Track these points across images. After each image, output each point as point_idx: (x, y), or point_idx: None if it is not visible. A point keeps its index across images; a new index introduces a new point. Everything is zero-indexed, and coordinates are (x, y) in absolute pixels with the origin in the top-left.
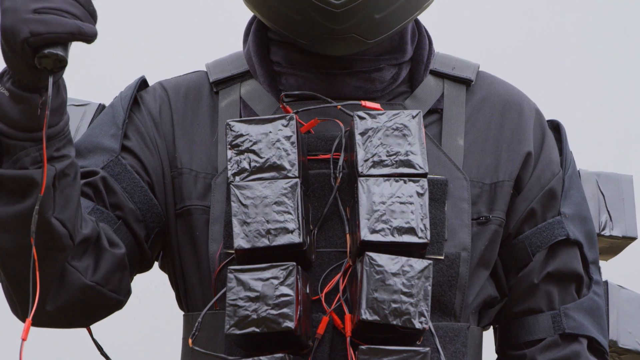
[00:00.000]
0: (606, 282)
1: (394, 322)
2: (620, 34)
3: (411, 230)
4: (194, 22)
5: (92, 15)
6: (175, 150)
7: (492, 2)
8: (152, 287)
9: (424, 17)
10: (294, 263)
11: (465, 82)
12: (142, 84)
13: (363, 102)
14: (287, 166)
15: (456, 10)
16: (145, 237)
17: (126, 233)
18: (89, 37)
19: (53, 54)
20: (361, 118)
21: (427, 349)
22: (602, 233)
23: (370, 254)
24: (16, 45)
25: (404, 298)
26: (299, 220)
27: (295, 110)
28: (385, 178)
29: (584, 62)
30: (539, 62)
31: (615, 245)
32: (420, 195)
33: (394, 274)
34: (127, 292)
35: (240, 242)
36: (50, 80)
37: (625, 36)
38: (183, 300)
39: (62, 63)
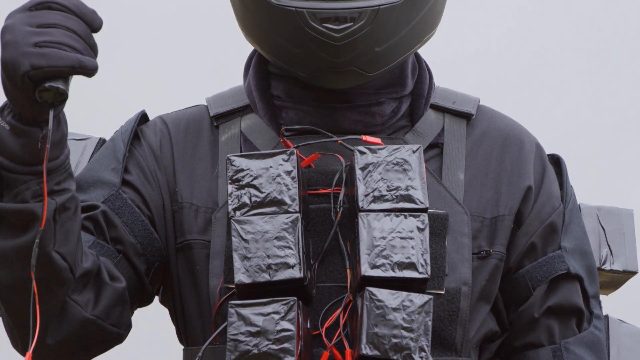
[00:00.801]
0: (607, 317)
1: (395, 357)
2: (621, 68)
3: (412, 266)
4: (195, 56)
5: (92, 49)
6: (176, 185)
7: (492, 36)
8: (152, 320)
9: (425, 51)
10: (295, 298)
11: (466, 116)
12: (143, 118)
13: (363, 137)
14: (288, 201)
15: (457, 44)
16: (146, 271)
17: (127, 267)
18: (89, 71)
19: (54, 88)
20: (362, 153)
21: None
22: (603, 267)
23: (371, 289)
24: (17, 79)
25: (405, 333)
26: (299, 255)
27: (295, 145)
28: (386, 213)
29: (585, 95)
30: (539, 96)
31: (616, 280)
32: (420, 230)
33: (395, 309)
34: (128, 326)
35: (241, 277)
36: (51, 113)
37: (627, 70)
38: (183, 334)
39: (62, 97)
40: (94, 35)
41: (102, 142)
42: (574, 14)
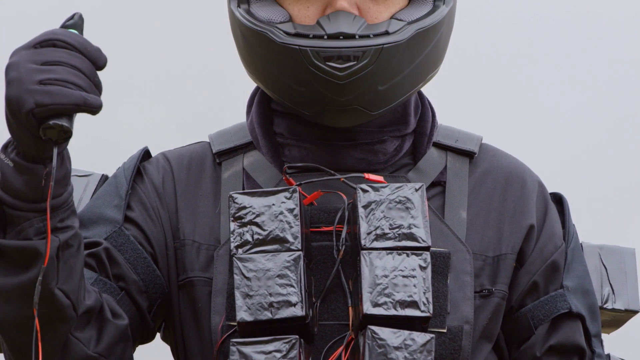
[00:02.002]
0: (608, 356)
1: None
2: (622, 104)
3: (414, 304)
4: (198, 93)
5: (97, 87)
6: (178, 222)
7: (493, 74)
8: (154, 357)
9: (427, 89)
10: (297, 336)
11: (468, 155)
12: (145, 154)
13: (366, 175)
14: (290, 239)
15: (459, 82)
16: (148, 308)
17: (129, 304)
18: (94, 109)
19: (58, 125)
20: (364, 191)
21: None
22: (605, 306)
23: (373, 327)
24: (21, 116)
25: None
26: (301, 293)
27: (298, 183)
28: (388, 251)
29: (586, 135)
30: (541, 134)
31: (618, 319)
32: (423, 268)
33: (396, 348)
34: None
35: (242, 314)
36: (55, 151)
37: (628, 106)
38: None
39: (66, 134)
40: (99, 73)
41: (104, 178)
42: (574, 50)
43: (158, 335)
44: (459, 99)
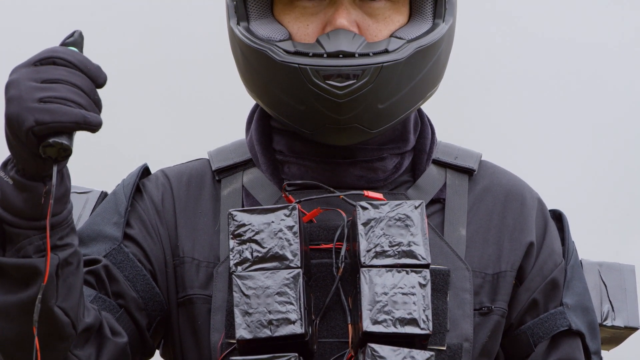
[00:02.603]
0: None
1: None
2: (623, 122)
3: (413, 322)
4: (197, 110)
5: (97, 105)
6: (178, 239)
7: (493, 91)
8: None
9: (427, 106)
10: (296, 354)
11: (468, 172)
12: (145, 171)
13: (366, 192)
14: (290, 256)
15: (459, 99)
16: (147, 325)
17: (128, 321)
18: (94, 127)
19: (58, 143)
20: (364, 208)
21: None
22: (604, 323)
23: (372, 345)
24: (21, 134)
25: None
26: (301, 311)
27: (297, 200)
28: (388, 269)
29: (586, 151)
30: (540, 152)
31: (617, 336)
32: (422, 286)
33: None
34: None
35: (242, 332)
36: (55, 169)
37: (626, 125)
38: None
39: (66, 152)
40: (99, 90)
41: (103, 195)
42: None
43: (157, 352)
44: (458, 116)
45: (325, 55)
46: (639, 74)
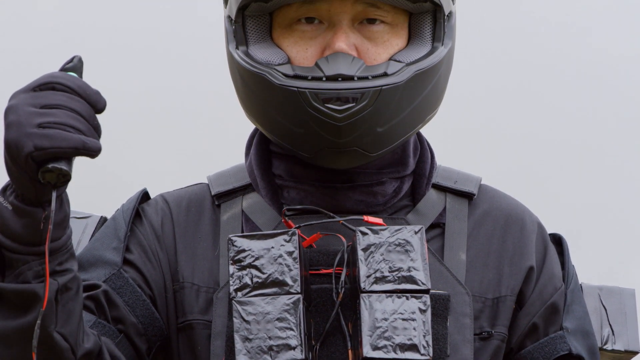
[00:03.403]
0: None
1: None
2: (620, 147)
3: (413, 347)
4: (196, 134)
5: (96, 130)
6: (177, 264)
7: (492, 115)
8: None
9: (426, 130)
10: None
11: (468, 196)
12: (144, 196)
13: (365, 217)
14: (289, 282)
15: (458, 122)
16: (147, 350)
17: (128, 347)
18: (93, 152)
19: (57, 169)
20: (364, 234)
21: None
22: (605, 347)
23: None
24: (20, 160)
25: None
26: (301, 337)
27: (297, 225)
28: (388, 294)
29: (585, 175)
30: (540, 175)
31: (618, 359)
32: (422, 311)
33: None
34: None
35: (242, 358)
36: (54, 194)
37: (625, 148)
38: None
39: (65, 178)
40: (98, 116)
41: (103, 220)
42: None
43: None
44: (458, 140)
45: (324, 79)
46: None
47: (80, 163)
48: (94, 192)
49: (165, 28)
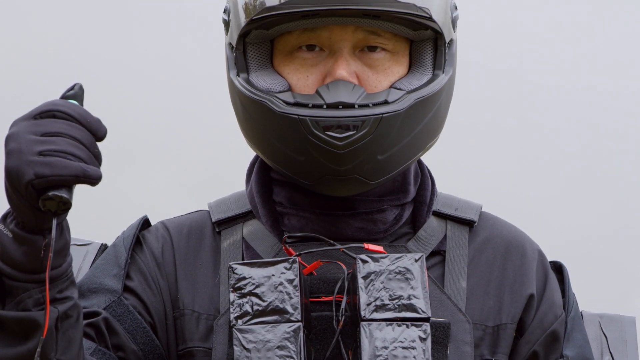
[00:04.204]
0: None
1: None
2: (622, 173)
3: None
4: (197, 162)
5: (97, 158)
6: (178, 291)
7: (493, 143)
8: None
9: (427, 157)
10: None
11: (468, 223)
12: (145, 223)
13: (366, 245)
14: (290, 310)
15: (459, 151)
16: None
17: None
18: (93, 180)
19: (57, 197)
20: (364, 262)
21: None
22: None
23: None
24: (20, 187)
25: None
26: None
27: (297, 253)
28: (388, 322)
29: (586, 203)
30: (541, 203)
31: None
32: (422, 339)
33: None
34: None
35: None
36: (54, 222)
37: (626, 176)
38: None
39: (66, 205)
40: (98, 143)
41: (103, 247)
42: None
43: None
44: (458, 167)
45: (325, 106)
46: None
47: (80, 190)
48: (94, 220)
49: (166, 56)
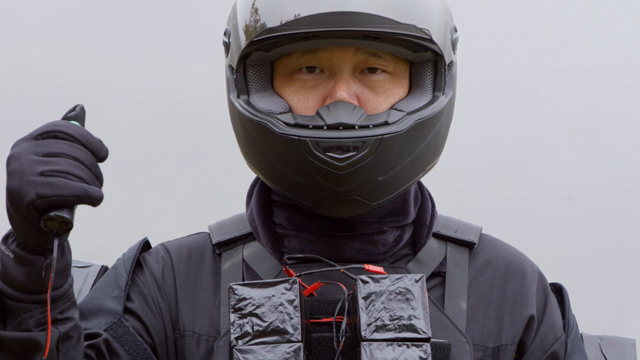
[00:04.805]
0: None
1: None
2: (620, 197)
3: None
4: (197, 184)
5: (98, 179)
6: (178, 313)
7: (493, 164)
8: None
9: (427, 179)
10: None
11: (468, 245)
12: (145, 245)
13: (366, 266)
14: (290, 330)
15: (459, 173)
16: None
17: None
18: (95, 200)
19: (59, 217)
20: (364, 282)
21: None
22: None
23: None
24: (22, 208)
25: None
26: None
27: (298, 274)
28: (388, 342)
29: (586, 225)
30: (540, 225)
31: None
32: None
33: None
34: None
35: None
36: (56, 242)
37: (626, 199)
38: None
39: (67, 226)
40: (100, 164)
41: (104, 269)
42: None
43: None
44: (458, 189)
45: (325, 127)
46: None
47: (81, 212)
48: (95, 242)
49: (166, 78)
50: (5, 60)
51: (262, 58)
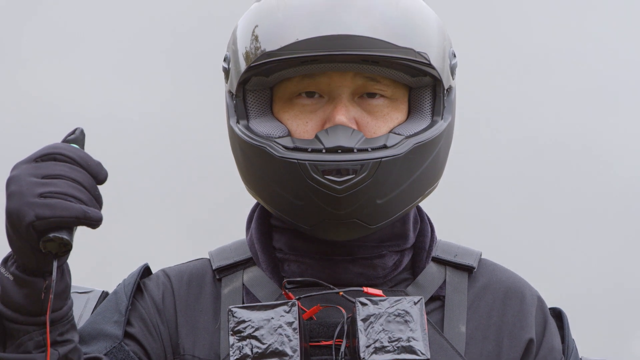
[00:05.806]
0: None
1: None
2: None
3: None
4: (198, 210)
5: (97, 200)
6: (178, 337)
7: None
8: None
9: (426, 203)
10: None
11: (468, 269)
12: (145, 271)
13: (365, 289)
14: (289, 352)
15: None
16: None
17: None
18: (94, 222)
19: (58, 238)
20: (363, 304)
21: None
22: None
23: None
24: (21, 229)
25: None
26: None
27: (297, 297)
28: None
29: (585, 249)
30: (540, 249)
31: None
32: None
33: None
34: None
35: None
36: (55, 264)
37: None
38: None
39: (66, 247)
40: (99, 187)
41: (104, 295)
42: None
43: None
44: (457, 214)
45: (324, 151)
46: None
47: (83, 240)
48: (95, 268)
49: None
50: (6, 83)
51: (262, 83)
